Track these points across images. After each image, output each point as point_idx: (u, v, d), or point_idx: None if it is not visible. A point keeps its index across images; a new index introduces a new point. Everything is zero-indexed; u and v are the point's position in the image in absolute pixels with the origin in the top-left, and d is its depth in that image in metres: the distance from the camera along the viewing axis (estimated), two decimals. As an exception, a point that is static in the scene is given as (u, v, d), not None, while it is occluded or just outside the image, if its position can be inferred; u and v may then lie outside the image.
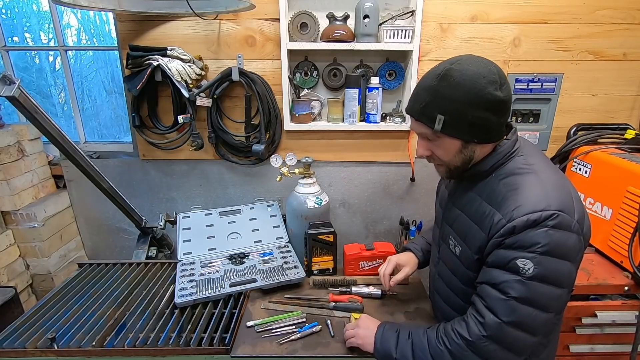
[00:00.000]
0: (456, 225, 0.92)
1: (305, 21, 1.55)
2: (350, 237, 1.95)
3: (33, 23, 1.99)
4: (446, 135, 0.81)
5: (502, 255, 0.76)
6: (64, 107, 2.14)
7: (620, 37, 1.61)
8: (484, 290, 0.79)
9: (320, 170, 1.82)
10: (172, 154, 1.80)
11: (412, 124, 0.88)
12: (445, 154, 0.85)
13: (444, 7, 1.58)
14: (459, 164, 0.85)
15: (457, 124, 0.79)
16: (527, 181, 0.79)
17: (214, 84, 1.62)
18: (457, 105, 0.77)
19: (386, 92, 1.70)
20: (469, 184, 0.91)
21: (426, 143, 0.87)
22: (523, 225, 0.73)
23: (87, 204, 1.94)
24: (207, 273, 1.33)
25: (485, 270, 0.81)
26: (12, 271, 1.73)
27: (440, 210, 1.05)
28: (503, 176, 0.83)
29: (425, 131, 0.83)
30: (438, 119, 0.78)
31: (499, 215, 0.78)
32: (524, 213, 0.74)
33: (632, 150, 1.47)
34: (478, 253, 0.83)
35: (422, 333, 0.88)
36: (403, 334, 0.91)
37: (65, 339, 1.07)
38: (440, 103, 0.78)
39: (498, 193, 0.81)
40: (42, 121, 1.16)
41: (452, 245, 0.93)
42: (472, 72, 0.77)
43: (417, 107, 0.82)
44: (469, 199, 0.89)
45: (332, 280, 1.35)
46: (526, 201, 0.75)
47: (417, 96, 0.83)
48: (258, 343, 1.07)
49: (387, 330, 0.94)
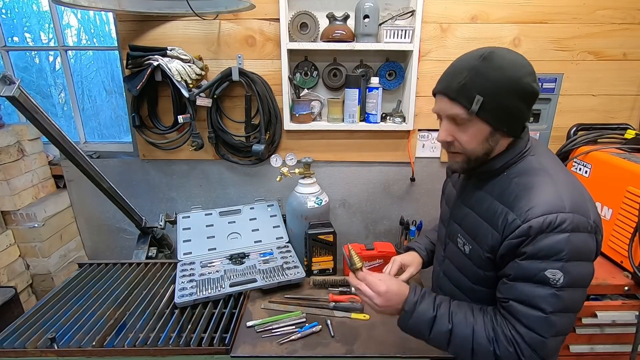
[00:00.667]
0: (465, 224, 0.91)
1: (305, 21, 1.55)
2: (350, 237, 1.95)
3: (33, 23, 1.99)
4: (479, 119, 0.78)
5: (527, 267, 0.74)
6: (64, 107, 2.14)
7: (620, 37, 1.61)
8: (516, 308, 0.76)
9: (320, 170, 1.82)
10: (172, 154, 1.80)
11: (441, 104, 0.82)
12: (470, 140, 0.81)
13: (444, 7, 1.58)
14: (481, 153, 0.82)
15: (493, 109, 0.76)
16: (541, 181, 0.78)
17: (214, 84, 1.62)
18: (497, 88, 0.75)
19: (386, 92, 1.70)
20: (478, 182, 0.90)
21: (451, 127, 0.82)
22: (539, 226, 0.72)
23: (87, 204, 1.94)
24: (207, 273, 1.33)
25: (510, 286, 0.78)
26: (12, 271, 1.73)
27: (447, 208, 1.04)
28: (515, 175, 0.82)
29: (458, 112, 0.78)
30: (476, 100, 0.75)
31: (512, 215, 0.77)
32: (540, 214, 0.73)
33: (632, 150, 1.47)
34: (490, 252, 0.82)
35: (465, 323, 0.81)
36: (442, 312, 0.83)
37: (65, 339, 1.07)
38: (481, 83, 0.76)
39: (510, 192, 0.80)
40: (42, 121, 1.16)
41: (461, 244, 0.92)
42: (514, 60, 0.77)
43: (454, 86, 0.78)
44: (478, 197, 0.88)
45: (332, 280, 1.35)
46: (541, 202, 0.74)
47: (455, 75, 0.79)
48: (258, 343, 1.07)
49: (424, 301, 0.85)
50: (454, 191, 1.02)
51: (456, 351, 0.82)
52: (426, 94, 1.70)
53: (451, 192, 1.04)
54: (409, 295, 0.85)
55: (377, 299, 0.85)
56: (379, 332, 1.12)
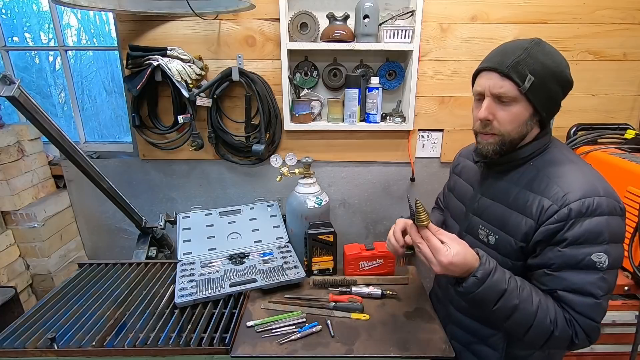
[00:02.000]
0: (487, 215, 0.92)
1: (305, 21, 1.55)
2: (350, 237, 1.95)
3: (33, 23, 1.99)
4: (525, 99, 0.79)
5: (572, 254, 0.76)
6: (64, 107, 2.14)
7: (620, 37, 1.61)
8: (568, 298, 0.77)
9: (320, 170, 1.82)
10: (172, 154, 1.80)
11: (489, 81, 0.82)
12: (511, 120, 0.81)
13: (444, 7, 1.58)
14: (515, 137, 0.84)
15: (540, 90, 0.79)
16: (570, 170, 0.82)
17: (214, 84, 1.62)
18: (546, 71, 0.78)
19: (386, 92, 1.70)
20: (499, 174, 0.92)
21: (493, 106, 0.82)
22: (578, 209, 0.74)
23: (87, 204, 1.94)
24: (207, 273, 1.33)
25: (556, 276, 0.78)
26: (12, 271, 1.73)
27: (459, 204, 1.04)
28: (542, 165, 0.85)
29: (507, 89, 0.79)
30: (528, 78, 0.77)
31: (547, 201, 0.79)
32: (578, 198, 0.75)
33: (632, 150, 1.47)
34: (524, 241, 0.83)
35: (530, 300, 0.79)
36: (512, 287, 0.79)
37: (65, 339, 1.07)
38: (533, 64, 0.78)
39: (540, 180, 0.83)
40: (42, 121, 1.16)
41: (483, 235, 0.92)
42: (557, 51, 0.82)
43: (508, 62, 0.79)
44: (502, 188, 0.89)
45: (332, 280, 1.35)
46: (576, 187, 0.77)
47: (506, 54, 0.81)
48: (258, 343, 1.07)
49: (497, 272, 0.80)
50: (467, 187, 1.03)
51: (512, 326, 0.81)
52: (426, 94, 1.70)
53: (463, 188, 1.05)
54: (483, 262, 0.78)
55: (437, 266, 0.78)
56: (379, 332, 1.12)
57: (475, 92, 0.87)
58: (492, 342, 0.96)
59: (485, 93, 0.84)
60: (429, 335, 1.10)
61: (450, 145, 1.77)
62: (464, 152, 1.19)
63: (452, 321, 1.08)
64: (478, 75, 0.88)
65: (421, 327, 1.14)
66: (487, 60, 0.86)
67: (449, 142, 1.77)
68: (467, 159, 1.12)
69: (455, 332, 1.07)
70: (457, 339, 1.07)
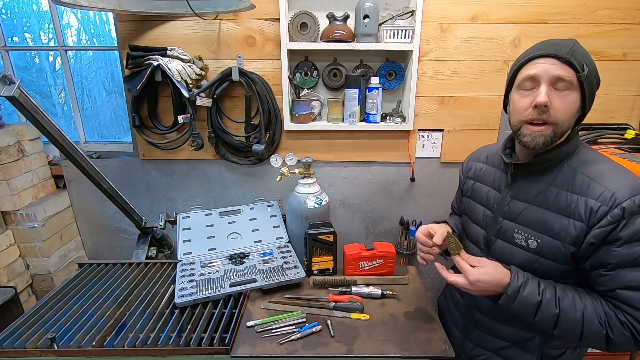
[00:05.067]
0: (524, 219, 0.90)
1: (305, 21, 1.55)
2: (350, 237, 1.95)
3: (33, 23, 1.99)
4: (579, 88, 0.80)
5: (628, 252, 0.76)
6: (64, 107, 2.14)
7: (620, 37, 1.61)
8: (627, 295, 0.78)
9: (320, 170, 1.82)
10: (172, 154, 1.80)
11: (546, 66, 0.80)
12: (566, 109, 0.81)
13: (444, 7, 1.58)
14: (566, 128, 0.84)
15: (589, 82, 0.81)
16: (607, 168, 0.83)
17: (214, 84, 1.62)
18: (592, 65, 0.81)
19: (386, 92, 1.70)
20: (531, 175, 0.91)
21: (551, 92, 0.81)
22: (630, 208, 0.75)
23: (87, 204, 1.94)
24: (207, 273, 1.33)
25: (613, 275, 0.79)
26: (12, 271, 1.73)
27: (483, 210, 1.02)
28: (576, 165, 0.85)
29: (567, 74, 0.79)
30: (584, 66, 0.79)
31: (594, 202, 0.78)
32: (628, 196, 0.76)
33: (632, 150, 1.47)
34: (574, 244, 0.82)
35: (574, 307, 0.82)
36: (548, 297, 0.83)
37: (65, 339, 1.07)
38: (585, 55, 0.81)
39: (580, 181, 0.83)
40: (42, 121, 1.16)
41: (521, 240, 0.90)
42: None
43: (565, 49, 0.79)
44: (538, 190, 0.88)
45: (332, 280, 1.35)
46: (620, 186, 0.77)
47: (559, 44, 0.81)
48: (258, 343, 1.07)
49: (528, 286, 0.84)
50: (491, 190, 1.00)
51: (563, 334, 0.83)
52: (426, 94, 1.70)
53: (485, 192, 1.02)
54: (512, 279, 0.84)
55: (469, 286, 0.87)
56: (379, 332, 1.12)
57: (527, 78, 0.83)
58: (529, 345, 0.96)
59: (541, 78, 0.81)
60: (429, 335, 1.10)
61: (450, 145, 1.77)
62: (473, 156, 1.16)
63: (479, 328, 1.05)
64: (527, 64, 0.85)
65: (421, 327, 1.14)
66: (538, 50, 0.83)
67: (449, 142, 1.77)
68: (480, 162, 1.09)
69: (484, 339, 1.05)
70: (484, 345, 1.05)
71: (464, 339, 1.10)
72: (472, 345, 1.08)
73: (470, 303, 1.07)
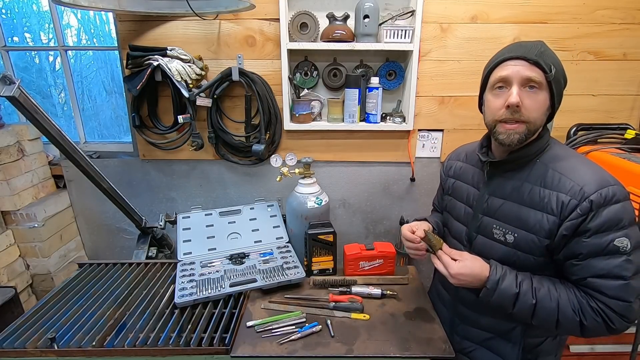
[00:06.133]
0: (501, 214, 0.94)
1: (305, 21, 1.55)
2: (350, 237, 1.95)
3: (33, 23, 1.99)
4: (548, 88, 0.85)
5: (596, 243, 0.80)
6: (64, 107, 2.14)
7: (620, 37, 1.61)
8: (597, 283, 0.82)
9: (320, 170, 1.82)
10: (172, 154, 1.80)
11: (516, 67, 0.84)
12: (538, 107, 0.85)
13: (444, 7, 1.58)
14: (539, 126, 0.87)
15: (557, 82, 0.85)
16: (576, 163, 0.87)
17: (214, 84, 1.62)
18: (559, 66, 0.85)
19: (386, 92, 1.70)
20: (506, 172, 0.94)
21: (522, 92, 0.85)
22: (597, 200, 0.79)
23: (87, 204, 1.94)
24: (207, 273, 1.33)
25: (584, 265, 0.83)
26: (12, 271, 1.73)
27: (464, 207, 1.05)
28: (548, 161, 0.89)
29: (536, 75, 0.83)
30: (552, 67, 0.83)
31: (565, 196, 0.83)
32: (595, 190, 0.80)
33: (632, 150, 1.47)
34: (548, 237, 0.86)
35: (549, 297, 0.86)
36: (525, 289, 0.87)
37: (65, 339, 1.07)
38: (552, 57, 0.85)
39: (552, 176, 0.87)
40: (42, 121, 1.16)
41: (499, 235, 0.94)
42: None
43: (534, 51, 0.84)
44: (513, 187, 0.92)
45: (332, 280, 1.35)
46: (588, 180, 0.82)
47: (528, 46, 0.85)
48: (258, 343, 1.07)
49: (506, 279, 0.89)
50: (470, 188, 1.04)
51: (540, 322, 0.88)
52: (426, 94, 1.70)
53: (465, 190, 1.06)
54: (491, 273, 0.89)
55: (450, 278, 0.92)
56: (379, 332, 1.12)
57: (499, 79, 0.87)
58: (511, 335, 1.00)
59: (512, 79, 0.85)
60: (429, 335, 1.10)
61: (450, 145, 1.77)
62: (453, 155, 1.19)
63: (464, 321, 1.09)
64: (498, 66, 0.89)
65: (421, 327, 1.14)
66: (508, 52, 0.88)
67: (449, 142, 1.77)
68: (460, 161, 1.13)
69: (469, 331, 1.08)
70: (470, 338, 1.09)
71: (451, 333, 1.13)
72: (458, 338, 1.11)
73: (455, 298, 1.10)
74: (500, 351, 1.02)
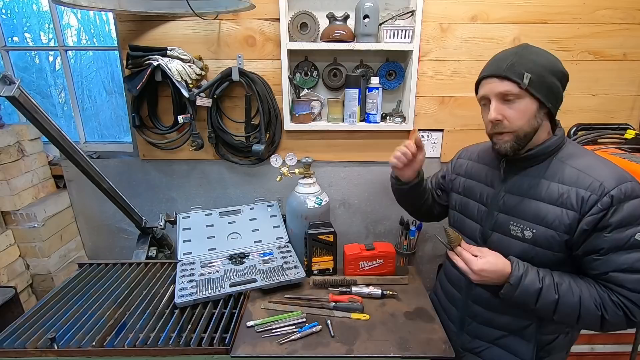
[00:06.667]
0: (519, 211, 0.94)
1: (305, 21, 1.55)
2: (350, 237, 1.95)
3: (33, 23, 1.99)
4: (528, 94, 0.86)
5: (618, 237, 0.81)
6: (64, 107, 2.14)
7: (620, 37, 1.61)
8: (619, 278, 0.83)
9: (320, 170, 1.82)
10: (172, 154, 1.80)
11: (489, 85, 0.89)
12: (520, 116, 0.87)
13: (444, 7, 1.58)
14: (529, 130, 0.89)
15: (540, 85, 0.86)
16: (594, 160, 0.89)
17: (214, 84, 1.62)
18: (540, 68, 0.86)
19: (386, 92, 1.70)
20: (523, 169, 0.96)
21: (500, 106, 0.89)
22: (618, 195, 0.80)
23: (87, 204, 1.94)
24: (207, 273, 1.33)
25: (605, 259, 0.84)
26: (12, 271, 1.73)
27: (477, 205, 1.06)
28: (565, 158, 0.91)
29: (509, 89, 0.86)
30: (525, 76, 0.84)
31: (584, 191, 0.84)
32: (614, 185, 0.81)
33: (632, 150, 1.47)
34: (568, 232, 0.86)
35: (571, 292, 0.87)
36: (548, 284, 0.87)
37: (65, 339, 1.07)
38: (526, 63, 0.86)
39: (570, 173, 0.88)
40: (42, 121, 1.16)
41: (517, 231, 0.94)
42: (545, 50, 0.90)
43: (503, 66, 0.87)
44: (530, 184, 0.93)
45: (332, 280, 1.35)
46: (607, 176, 0.83)
47: (500, 60, 0.89)
48: (258, 343, 1.07)
49: (529, 274, 0.89)
50: (483, 187, 1.05)
51: (562, 318, 0.88)
52: (426, 94, 1.70)
53: (478, 189, 1.07)
54: (513, 269, 0.89)
55: (472, 275, 0.91)
56: (379, 332, 1.12)
57: (480, 98, 0.95)
58: (525, 332, 1.00)
59: (489, 96, 0.91)
60: (429, 335, 1.10)
61: (450, 145, 1.77)
62: (464, 154, 1.20)
63: (477, 320, 1.08)
64: (479, 84, 0.95)
65: (421, 327, 1.14)
66: (484, 71, 0.93)
67: (449, 142, 1.77)
68: (472, 160, 1.14)
69: (481, 330, 1.08)
70: (481, 336, 1.08)
71: (461, 332, 1.13)
72: (469, 338, 1.11)
73: (468, 296, 1.09)
74: (515, 349, 1.02)
